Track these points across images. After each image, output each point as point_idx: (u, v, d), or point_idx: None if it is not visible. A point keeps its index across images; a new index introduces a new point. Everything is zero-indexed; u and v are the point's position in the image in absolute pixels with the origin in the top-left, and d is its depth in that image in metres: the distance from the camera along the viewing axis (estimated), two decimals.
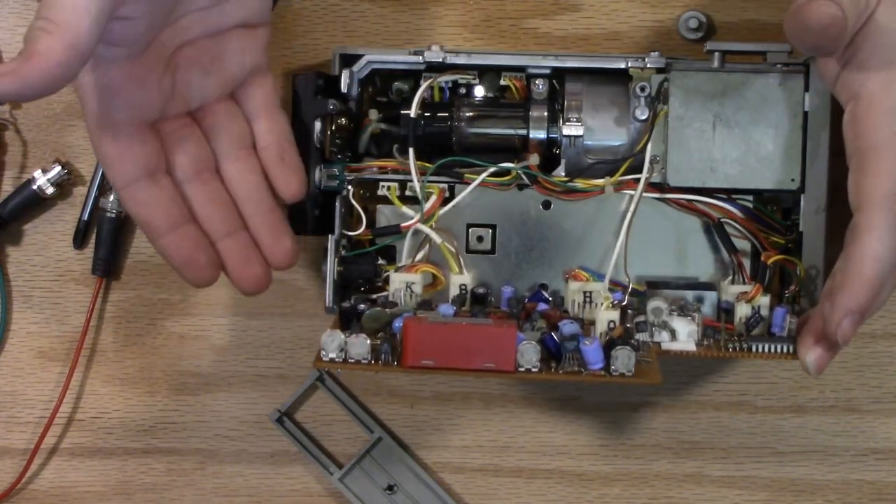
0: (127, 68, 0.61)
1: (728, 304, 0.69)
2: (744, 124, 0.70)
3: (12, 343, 0.80)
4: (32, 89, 0.54)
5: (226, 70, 0.66)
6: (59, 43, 0.54)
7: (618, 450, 0.79)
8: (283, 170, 0.68)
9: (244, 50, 0.66)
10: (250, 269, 0.67)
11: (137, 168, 0.63)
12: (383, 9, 0.77)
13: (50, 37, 0.54)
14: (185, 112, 0.66)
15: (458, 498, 0.80)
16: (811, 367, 0.65)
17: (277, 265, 0.68)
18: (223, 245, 0.66)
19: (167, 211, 0.64)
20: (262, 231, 0.67)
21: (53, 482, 0.81)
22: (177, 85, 0.64)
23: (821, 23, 0.57)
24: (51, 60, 0.54)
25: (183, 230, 0.65)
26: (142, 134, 0.63)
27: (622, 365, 0.63)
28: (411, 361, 0.62)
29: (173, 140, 0.65)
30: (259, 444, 0.80)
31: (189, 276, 0.66)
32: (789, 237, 0.71)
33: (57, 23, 0.54)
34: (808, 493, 0.79)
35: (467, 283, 0.71)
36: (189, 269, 0.65)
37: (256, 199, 0.67)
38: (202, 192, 0.66)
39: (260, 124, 0.68)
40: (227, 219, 0.67)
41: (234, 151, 0.67)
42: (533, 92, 0.73)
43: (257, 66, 0.67)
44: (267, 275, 0.68)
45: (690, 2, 0.76)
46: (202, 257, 0.65)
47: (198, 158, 0.66)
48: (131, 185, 0.63)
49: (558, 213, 0.74)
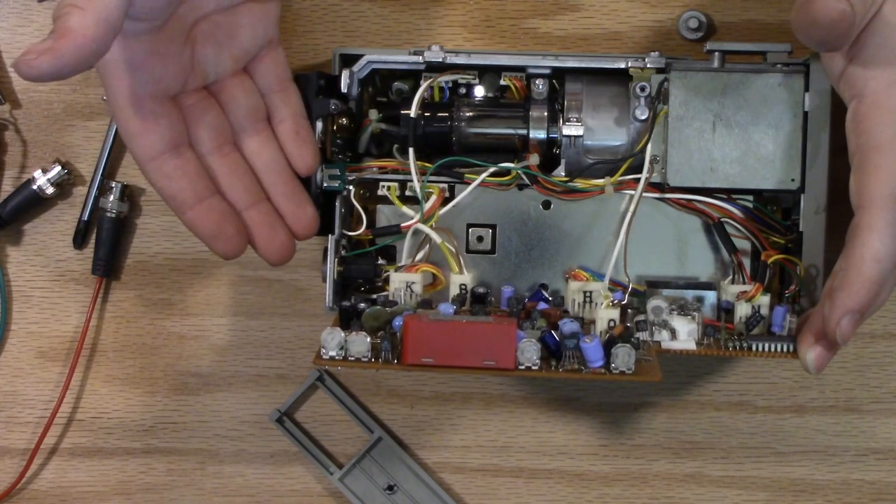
0: (149, 42, 0.62)
1: (728, 304, 0.69)
2: (744, 124, 0.70)
3: (12, 343, 0.80)
4: (67, 67, 0.54)
5: (239, 44, 0.66)
6: (91, 18, 0.55)
7: (618, 450, 0.79)
8: (299, 144, 0.69)
9: (256, 24, 0.66)
10: (276, 237, 0.67)
11: (162, 141, 0.64)
12: (383, 9, 0.77)
13: (82, 13, 0.54)
14: (203, 86, 0.66)
15: (458, 498, 0.80)
16: (811, 365, 0.65)
17: (301, 233, 0.69)
18: (248, 215, 0.67)
19: (193, 183, 0.65)
20: (283, 201, 0.68)
21: (53, 482, 0.81)
22: (195, 58, 0.64)
23: (829, 17, 0.57)
24: (85, 36, 0.54)
25: (209, 202, 0.65)
26: (164, 108, 0.64)
27: (622, 363, 0.63)
28: (411, 359, 0.62)
29: (193, 113, 0.65)
30: (259, 444, 0.80)
31: (219, 248, 0.66)
32: (789, 237, 0.71)
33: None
34: (808, 493, 0.79)
35: (467, 283, 0.71)
36: (218, 241, 0.66)
37: (276, 169, 0.68)
38: (224, 164, 0.67)
39: (274, 98, 0.69)
40: (250, 189, 0.67)
41: (251, 125, 0.68)
42: (533, 92, 0.73)
43: (269, 39, 0.68)
44: (292, 243, 0.68)
45: (690, 2, 0.76)
46: (230, 228, 0.66)
47: (218, 131, 0.66)
48: (157, 159, 0.64)
49: (558, 213, 0.74)
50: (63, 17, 0.55)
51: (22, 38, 0.78)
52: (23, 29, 0.78)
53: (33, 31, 0.78)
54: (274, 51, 0.68)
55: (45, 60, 0.54)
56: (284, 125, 0.69)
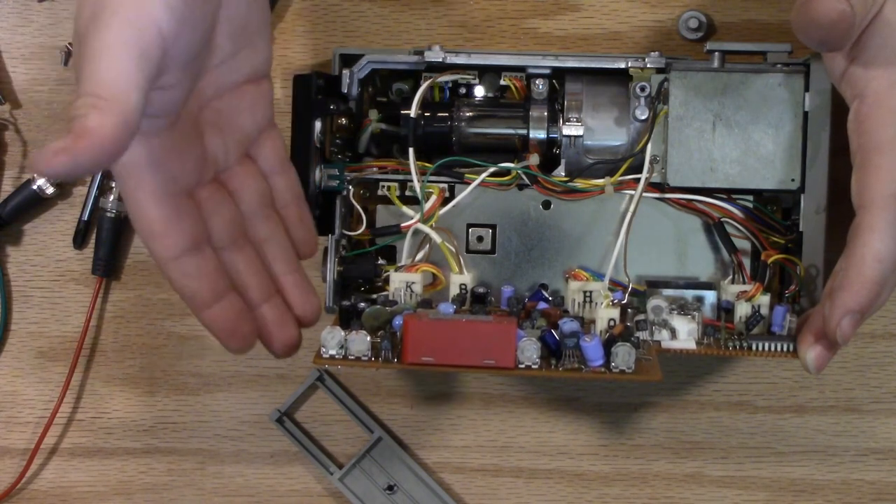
0: (166, 139, 0.59)
1: (728, 304, 0.69)
2: (744, 124, 0.70)
3: (12, 343, 0.80)
4: (84, 167, 0.52)
5: (242, 129, 0.64)
6: (111, 119, 0.52)
7: (618, 450, 0.79)
8: (302, 230, 0.67)
9: (255, 106, 0.64)
10: (287, 332, 0.65)
11: (185, 240, 0.60)
12: (383, 9, 0.77)
13: (101, 113, 0.52)
14: (214, 177, 0.63)
15: (458, 498, 0.80)
16: (811, 365, 0.65)
17: (308, 323, 0.66)
18: (262, 311, 0.64)
19: (213, 282, 0.62)
20: (293, 291, 0.66)
21: (53, 482, 0.81)
22: (205, 150, 0.62)
23: (829, 18, 0.57)
24: (104, 137, 0.52)
25: (227, 300, 0.63)
26: (185, 205, 0.61)
27: (622, 362, 0.63)
28: (411, 358, 0.62)
29: (208, 207, 0.62)
30: (259, 444, 0.80)
31: (233, 346, 0.64)
32: (789, 237, 0.71)
33: (106, 98, 0.53)
34: (808, 493, 0.79)
35: (467, 283, 0.71)
36: (233, 339, 0.63)
37: (286, 258, 0.66)
38: (240, 259, 0.64)
39: (277, 181, 0.66)
40: (264, 284, 0.65)
41: (261, 211, 0.65)
42: (533, 92, 0.73)
43: (268, 121, 0.65)
44: (300, 336, 0.66)
45: (690, 2, 0.76)
46: (246, 326, 0.63)
47: (232, 224, 0.64)
48: (180, 258, 0.61)
49: (558, 213, 0.74)
50: (81, 118, 0.52)
51: (22, 38, 0.78)
52: (23, 29, 0.78)
53: (33, 31, 0.78)
54: (272, 131, 0.66)
55: (61, 161, 0.51)
56: (289, 210, 0.66)
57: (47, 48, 0.78)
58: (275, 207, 0.66)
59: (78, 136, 0.52)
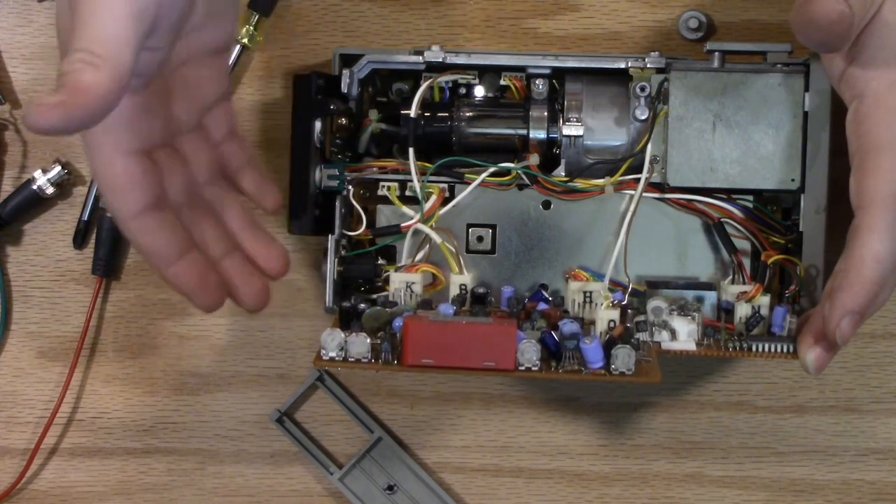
0: (140, 98, 0.60)
1: (728, 304, 0.69)
2: (744, 124, 0.70)
3: (12, 343, 0.80)
4: (77, 123, 0.53)
5: (203, 97, 0.65)
6: (106, 75, 0.53)
7: (618, 450, 0.79)
8: (261, 186, 0.68)
9: (215, 76, 0.65)
10: (254, 283, 0.65)
11: (147, 197, 0.61)
12: (383, 9, 0.77)
13: (96, 70, 0.53)
14: (172, 140, 0.64)
15: (458, 498, 0.80)
16: (810, 366, 0.65)
17: (276, 273, 0.67)
18: (224, 265, 0.65)
19: (175, 238, 0.63)
20: (253, 244, 0.66)
21: (53, 482, 0.81)
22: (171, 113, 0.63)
23: (827, 18, 0.57)
24: (98, 93, 0.53)
25: (190, 256, 0.63)
26: (146, 163, 0.62)
27: (622, 364, 0.63)
28: (411, 360, 0.62)
29: (165, 167, 0.63)
30: (259, 444, 0.80)
31: (200, 302, 0.64)
32: (789, 237, 0.71)
33: (101, 55, 0.54)
34: (808, 493, 0.79)
35: (467, 283, 0.71)
36: (200, 295, 0.64)
37: (242, 216, 0.66)
38: (196, 216, 0.65)
39: (229, 147, 0.67)
40: (223, 239, 0.65)
41: (213, 177, 0.66)
42: (533, 92, 0.73)
43: (224, 91, 0.66)
44: (267, 287, 0.66)
45: (690, 2, 0.76)
46: (211, 281, 0.64)
47: (188, 184, 0.64)
48: (141, 215, 0.61)
49: (558, 213, 0.74)
50: (75, 73, 0.53)
51: (22, 38, 0.78)
52: (23, 29, 0.78)
53: (33, 31, 0.78)
54: (227, 103, 0.67)
55: (56, 114, 0.52)
56: (244, 172, 0.67)
57: (47, 48, 0.78)
58: (227, 174, 0.67)
59: (73, 92, 0.53)
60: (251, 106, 0.78)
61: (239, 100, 0.78)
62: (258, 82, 0.78)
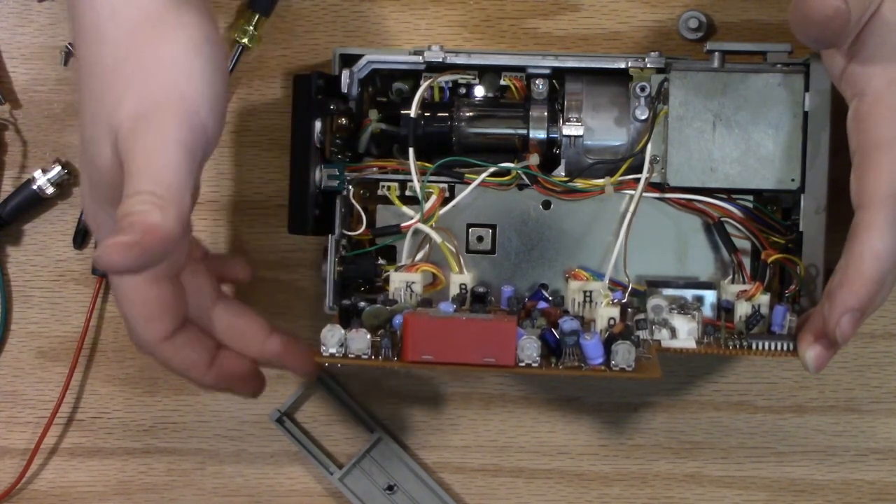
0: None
1: (728, 304, 0.69)
2: (744, 124, 0.70)
3: (12, 343, 0.80)
4: (152, 260, 0.55)
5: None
6: (172, 217, 0.56)
7: (618, 450, 0.79)
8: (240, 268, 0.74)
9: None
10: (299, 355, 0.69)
11: (177, 319, 0.64)
12: (383, 9, 0.77)
13: (163, 212, 0.55)
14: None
15: (458, 498, 0.79)
16: (810, 365, 0.65)
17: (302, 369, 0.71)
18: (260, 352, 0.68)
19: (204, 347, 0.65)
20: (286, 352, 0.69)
21: (53, 482, 0.81)
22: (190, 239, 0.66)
23: (824, 15, 0.57)
24: (167, 232, 0.55)
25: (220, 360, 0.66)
26: (177, 286, 0.64)
27: (622, 360, 0.63)
28: (411, 357, 0.62)
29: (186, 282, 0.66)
30: (259, 444, 0.80)
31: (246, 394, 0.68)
32: (789, 237, 0.71)
33: (165, 197, 0.56)
34: (808, 493, 0.79)
35: (467, 283, 0.71)
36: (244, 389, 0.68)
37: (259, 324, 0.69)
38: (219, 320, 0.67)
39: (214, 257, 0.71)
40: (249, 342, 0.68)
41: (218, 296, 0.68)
42: (533, 92, 0.73)
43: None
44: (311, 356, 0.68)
45: (690, 2, 0.76)
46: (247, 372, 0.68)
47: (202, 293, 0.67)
48: (172, 336, 0.64)
49: (558, 213, 0.74)
50: (144, 214, 0.55)
51: (22, 39, 0.78)
52: (23, 29, 0.78)
53: (33, 31, 0.78)
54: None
55: (132, 255, 0.54)
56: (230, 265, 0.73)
57: (47, 48, 0.78)
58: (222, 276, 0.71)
59: (144, 233, 0.54)
60: (251, 106, 0.78)
61: (239, 100, 0.78)
62: (258, 82, 0.78)
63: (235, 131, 0.78)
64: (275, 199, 0.78)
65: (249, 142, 0.78)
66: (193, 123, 0.58)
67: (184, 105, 0.58)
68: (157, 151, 0.57)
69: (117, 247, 0.53)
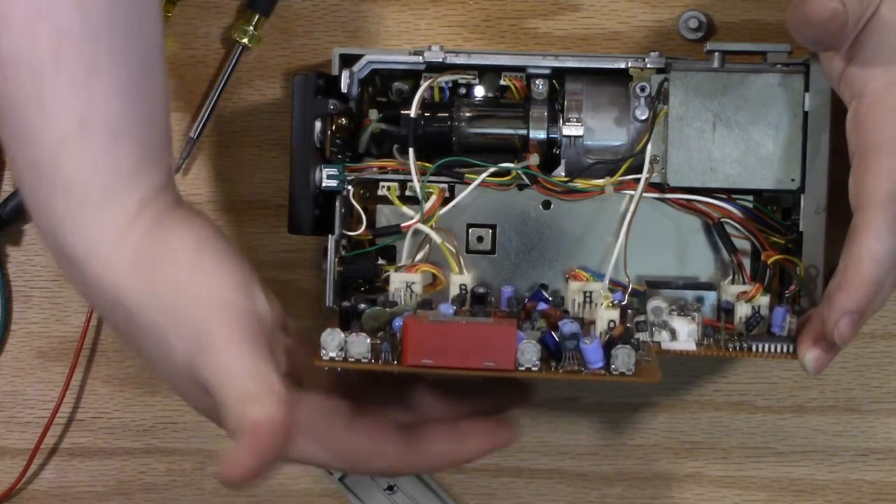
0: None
1: (728, 304, 0.69)
2: (744, 124, 0.70)
3: (12, 343, 0.80)
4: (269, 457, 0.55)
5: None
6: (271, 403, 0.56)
7: (618, 450, 0.79)
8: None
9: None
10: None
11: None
12: (383, 9, 0.77)
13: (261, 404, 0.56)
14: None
15: (458, 498, 0.80)
16: (809, 366, 0.65)
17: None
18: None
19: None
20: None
21: (53, 482, 0.81)
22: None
23: (821, 16, 0.58)
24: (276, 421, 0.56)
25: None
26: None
27: (622, 364, 0.63)
28: (411, 361, 0.62)
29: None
30: None
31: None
32: (789, 237, 0.71)
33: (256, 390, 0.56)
34: (808, 493, 0.79)
35: (467, 283, 0.71)
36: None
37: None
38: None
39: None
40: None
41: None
42: (533, 92, 0.73)
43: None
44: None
45: (690, 2, 0.76)
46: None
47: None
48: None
49: (558, 213, 0.74)
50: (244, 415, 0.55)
51: None
52: None
53: None
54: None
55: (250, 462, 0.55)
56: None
57: None
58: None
59: (253, 432, 0.55)
60: (251, 106, 0.78)
61: (239, 100, 0.78)
62: (258, 82, 0.78)
63: (235, 131, 0.78)
64: (275, 199, 0.78)
65: (249, 142, 0.78)
66: (240, 317, 0.59)
67: (221, 312, 0.58)
68: (229, 363, 0.57)
69: (234, 461, 0.54)
